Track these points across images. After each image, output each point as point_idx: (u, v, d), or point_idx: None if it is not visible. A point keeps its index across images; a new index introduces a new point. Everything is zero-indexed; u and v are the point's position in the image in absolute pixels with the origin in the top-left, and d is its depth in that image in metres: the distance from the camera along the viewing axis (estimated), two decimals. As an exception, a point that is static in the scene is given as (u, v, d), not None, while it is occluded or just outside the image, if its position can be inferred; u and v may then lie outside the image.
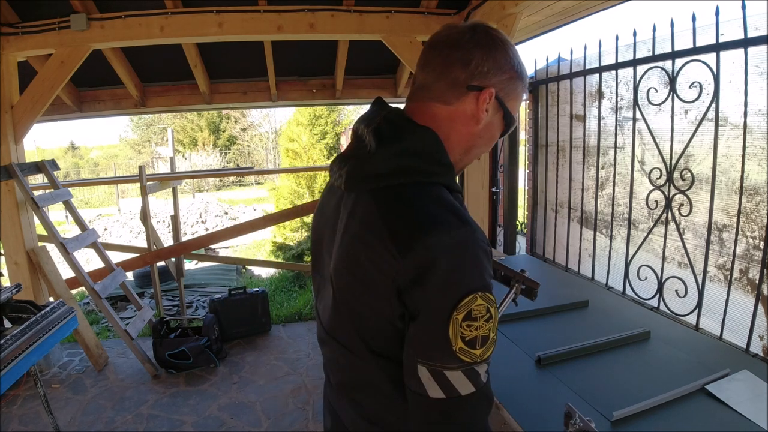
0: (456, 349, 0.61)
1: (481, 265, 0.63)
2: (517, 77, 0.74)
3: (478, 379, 0.64)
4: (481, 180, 3.36)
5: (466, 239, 0.62)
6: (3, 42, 2.84)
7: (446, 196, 0.68)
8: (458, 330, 0.61)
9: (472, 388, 0.63)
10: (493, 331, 0.64)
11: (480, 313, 0.61)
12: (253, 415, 2.57)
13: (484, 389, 0.66)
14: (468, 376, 0.63)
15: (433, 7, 3.13)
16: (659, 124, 2.15)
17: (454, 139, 0.74)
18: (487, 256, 0.64)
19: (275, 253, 7.23)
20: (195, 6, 2.92)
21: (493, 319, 0.63)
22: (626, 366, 1.42)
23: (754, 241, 1.80)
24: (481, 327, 0.62)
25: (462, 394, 0.63)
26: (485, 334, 0.62)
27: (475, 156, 0.79)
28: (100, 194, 15.59)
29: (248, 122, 21.23)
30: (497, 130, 0.77)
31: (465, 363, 0.62)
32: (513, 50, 0.74)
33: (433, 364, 0.62)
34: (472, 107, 0.72)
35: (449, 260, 0.61)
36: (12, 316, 1.91)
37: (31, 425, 2.50)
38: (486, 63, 0.71)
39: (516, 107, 0.77)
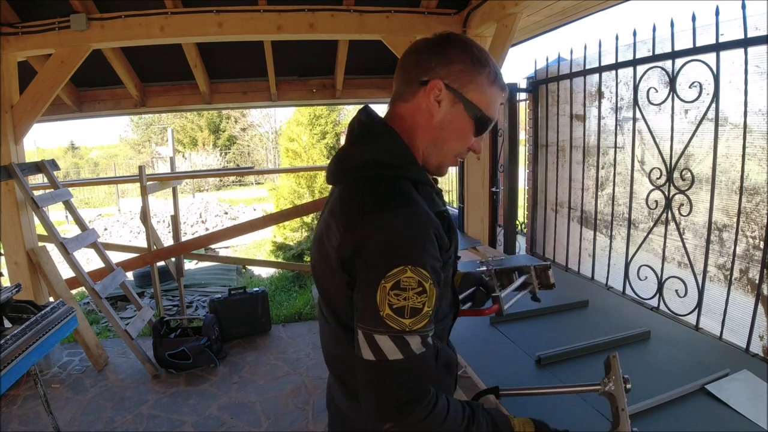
0: (383, 315, 0.67)
1: (417, 243, 0.69)
2: (472, 69, 0.78)
3: (407, 349, 0.68)
4: (481, 180, 3.36)
5: (405, 219, 0.69)
6: (3, 42, 2.84)
7: (402, 186, 0.75)
8: (386, 297, 0.67)
9: (400, 355, 0.68)
10: (428, 306, 0.69)
11: (410, 285, 0.67)
12: (253, 415, 2.57)
13: (417, 360, 0.69)
14: (396, 342, 0.68)
15: (433, 7, 3.13)
16: (659, 124, 2.15)
17: (418, 134, 0.81)
18: (429, 239, 0.70)
19: (275, 253, 7.23)
20: (195, 6, 2.92)
21: (426, 294, 0.68)
22: (626, 366, 1.41)
23: (754, 241, 1.80)
24: (410, 298, 0.67)
25: (389, 359, 0.68)
26: (415, 306, 0.68)
27: (449, 151, 0.83)
28: (100, 194, 15.59)
29: (248, 122, 21.22)
30: (464, 123, 0.80)
31: (392, 329, 0.68)
32: (472, 48, 0.79)
33: (365, 327, 0.69)
34: (425, 101, 0.79)
35: (384, 235, 0.69)
36: (12, 316, 1.91)
37: (31, 425, 2.50)
38: (434, 59, 0.78)
39: (483, 100, 0.80)
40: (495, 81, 0.80)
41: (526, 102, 3.36)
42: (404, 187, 0.75)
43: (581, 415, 1.18)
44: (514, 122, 3.27)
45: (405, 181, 0.77)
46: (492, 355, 1.54)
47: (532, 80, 3.22)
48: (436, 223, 0.73)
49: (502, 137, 3.48)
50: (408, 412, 0.70)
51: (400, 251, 0.68)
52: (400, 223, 0.69)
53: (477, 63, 0.79)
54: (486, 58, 0.80)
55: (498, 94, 0.82)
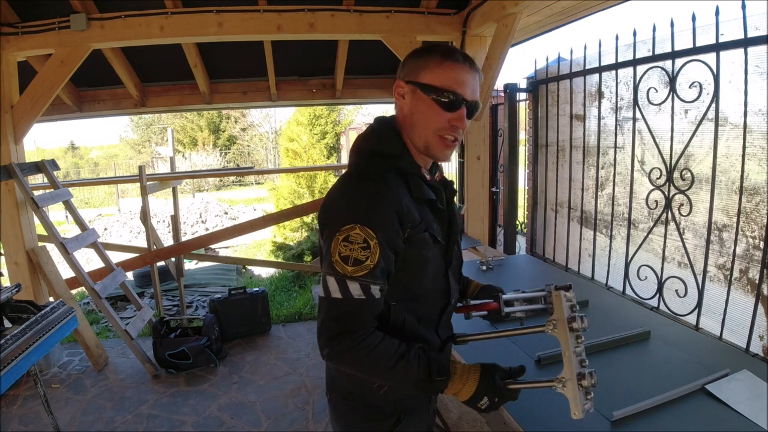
0: (333, 261, 0.84)
1: (371, 209, 0.84)
2: (420, 59, 0.93)
3: (346, 291, 0.84)
4: (481, 180, 3.36)
5: (367, 190, 0.86)
6: (3, 42, 2.84)
7: (383, 171, 0.90)
8: (337, 246, 0.83)
9: (340, 295, 0.84)
10: (370, 261, 0.83)
11: (357, 240, 0.82)
12: (253, 415, 2.57)
13: (353, 303, 0.84)
14: (339, 284, 0.84)
15: (433, 7, 3.13)
16: (659, 124, 2.15)
17: (403, 128, 0.96)
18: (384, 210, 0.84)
19: (275, 253, 7.23)
20: (195, 6, 2.92)
21: (370, 250, 0.83)
22: (626, 366, 1.42)
23: (754, 241, 1.80)
24: (355, 250, 0.83)
25: (332, 296, 0.85)
26: (358, 258, 0.83)
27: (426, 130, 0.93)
28: (100, 194, 15.58)
29: (248, 122, 21.22)
30: (426, 103, 0.92)
31: (338, 273, 0.84)
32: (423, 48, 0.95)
33: (323, 270, 0.87)
34: (396, 100, 0.97)
35: (347, 199, 0.87)
36: (12, 316, 1.91)
37: (31, 425, 2.50)
38: (398, 72, 0.98)
39: (436, 78, 0.90)
40: (446, 58, 0.91)
41: (526, 102, 3.36)
42: (381, 170, 0.90)
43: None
44: (514, 122, 3.27)
45: (393, 170, 0.91)
46: (492, 355, 1.54)
47: (532, 80, 3.22)
48: (397, 200, 0.86)
49: (502, 137, 3.48)
50: (337, 342, 0.84)
51: (355, 212, 0.84)
52: (363, 193, 0.86)
53: (425, 53, 0.93)
54: (434, 46, 0.94)
55: (454, 68, 0.91)
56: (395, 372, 0.86)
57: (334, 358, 0.87)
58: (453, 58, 0.91)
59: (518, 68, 27.07)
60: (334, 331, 0.84)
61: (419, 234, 0.90)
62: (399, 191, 0.88)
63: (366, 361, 0.85)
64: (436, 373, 0.87)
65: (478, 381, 0.89)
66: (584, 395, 0.80)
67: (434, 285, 0.98)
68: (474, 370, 0.90)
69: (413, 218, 0.89)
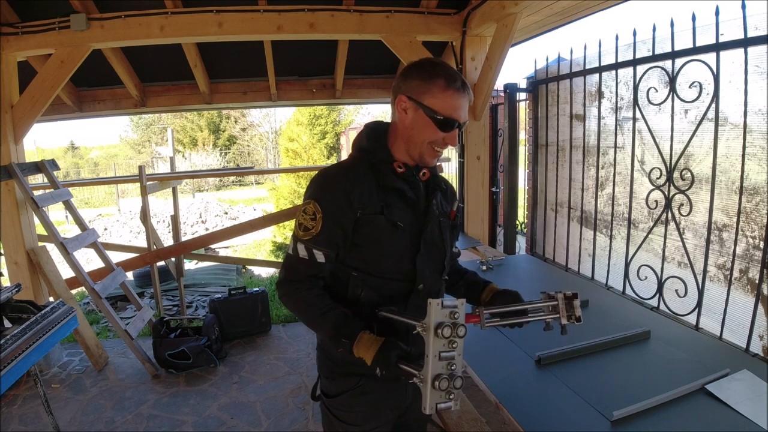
0: (295, 225, 1.06)
1: (323, 190, 1.04)
2: (426, 82, 1.02)
3: (296, 250, 1.05)
4: (481, 180, 3.36)
5: (326, 177, 1.06)
6: (3, 42, 2.83)
7: (352, 162, 1.09)
8: (299, 215, 1.05)
9: (291, 252, 1.06)
10: (315, 230, 1.02)
11: (309, 212, 1.03)
12: (253, 414, 2.57)
13: (297, 260, 1.05)
14: (293, 243, 1.05)
15: (433, 7, 3.13)
16: (659, 124, 2.15)
17: (398, 134, 1.09)
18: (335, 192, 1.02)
19: (275, 253, 7.24)
20: (195, 6, 2.92)
21: (315, 221, 1.02)
22: (626, 366, 1.42)
23: (754, 241, 1.80)
24: (306, 220, 1.03)
25: (288, 252, 1.07)
26: (307, 226, 1.03)
27: (421, 144, 1.05)
28: (100, 194, 15.59)
29: (248, 122, 21.24)
30: (426, 122, 1.03)
31: (294, 235, 1.06)
32: (426, 66, 1.04)
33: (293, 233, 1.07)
34: (398, 112, 1.07)
35: (312, 183, 1.05)
36: (12, 316, 1.91)
37: (31, 425, 2.50)
38: (400, 81, 1.07)
39: (438, 103, 1.02)
40: (448, 86, 1.02)
41: (526, 102, 3.36)
42: (353, 163, 1.09)
43: (581, 415, 1.18)
44: (514, 122, 3.27)
45: (365, 161, 1.07)
46: (492, 355, 1.54)
47: (532, 80, 3.22)
48: (351, 184, 1.02)
49: (502, 137, 3.48)
50: (281, 286, 1.08)
51: (313, 191, 1.03)
52: (324, 177, 1.06)
53: (429, 77, 1.02)
54: (439, 71, 1.03)
55: (454, 96, 1.02)
56: (315, 323, 1.05)
57: (280, 298, 1.09)
58: (455, 86, 1.02)
59: (518, 68, 27.08)
60: (281, 277, 1.08)
61: (372, 215, 1.03)
62: (360, 177, 1.04)
63: (297, 307, 1.07)
64: (343, 335, 1.00)
65: (375, 353, 0.96)
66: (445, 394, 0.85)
67: (397, 266, 1.07)
68: (376, 343, 0.97)
69: (368, 201, 1.03)
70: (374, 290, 1.06)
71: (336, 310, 1.03)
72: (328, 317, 1.02)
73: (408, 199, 1.07)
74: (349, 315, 1.03)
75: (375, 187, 1.04)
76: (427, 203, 1.11)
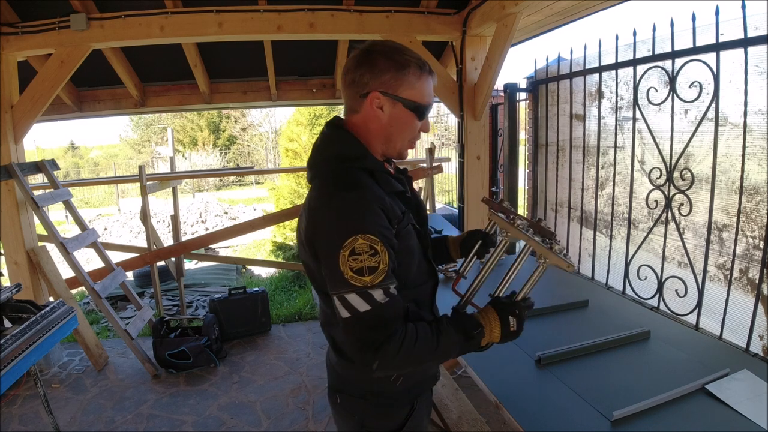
0: (348, 277, 0.84)
1: (361, 216, 0.85)
2: (398, 74, 0.93)
3: (372, 300, 0.84)
4: (481, 180, 3.36)
5: (350, 199, 0.86)
6: (3, 42, 2.84)
7: (354, 174, 0.92)
8: (346, 263, 0.83)
9: (368, 306, 0.84)
10: (383, 264, 0.84)
11: (363, 249, 0.83)
12: (253, 414, 2.57)
13: (383, 308, 0.85)
14: (362, 297, 0.84)
15: (432, 7, 3.13)
16: (659, 124, 2.15)
17: (372, 134, 0.98)
18: (373, 211, 0.86)
19: (275, 253, 7.22)
20: (195, 6, 2.92)
21: (379, 255, 0.84)
22: (626, 366, 1.42)
23: (754, 241, 1.80)
24: (366, 260, 0.83)
25: (360, 311, 0.84)
26: (371, 266, 0.83)
27: (403, 140, 0.99)
28: (100, 194, 15.59)
29: (248, 122, 21.22)
30: (406, 116, 0.97)
31: (357, 287, 0.84)
32: (393, 54, 0.94)
33: (337, 291, 0.86)
34: (371, 110, 0.96)
35: (333, 216, 0.86)
36: (12, 316, 1.91)
37: (31, 425, 2.50)
38: (365, 75, 0.94)
39: (416, 93, 0.96)
40: (421, 73, 0.96)
41: (526, 102, 3.35)
42: (356, 175, 0.92)
43: (581, 415, 1.18)
44: (514, 122, 3.27)
45: (361, 170, 0.94)
46: (492, 355, 1.53)
47: (532, 80, 3.22)
48: (381, 200, 0.89)
49: (502, 137, 3.48)
50: (384, 351, 0.84)
51: (350, 225, 0.84)
52: (348, 203, 0.86)
53: (401, 67, 0.94)
54: (407, 58, 0.95)
55: (427, 80, 0.97)
56: (441, 349, 0.91)
57: (386, 367, 0.86)
58: (426, 70, 0.96)
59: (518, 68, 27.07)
60: (378, 341, 0.84)
61: (405, 227, 0.96)
62: (377, 190, 0.92)
63: (416, 353, 0.88)
64: (472, 329, 0.93)
65: (497, 313, 0.96)
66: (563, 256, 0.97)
67: (419, 269, 1.03)
68: (488, 310, 0.97)
69: (396, 213, 0.93)
70: (413, 302, 1.00)
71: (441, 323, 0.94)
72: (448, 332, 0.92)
73: (405, 198, 1.03)
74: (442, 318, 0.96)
75: (385, 195, 0.93)
76: (414, 196, 1.08)
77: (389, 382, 1.01)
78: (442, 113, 13.70)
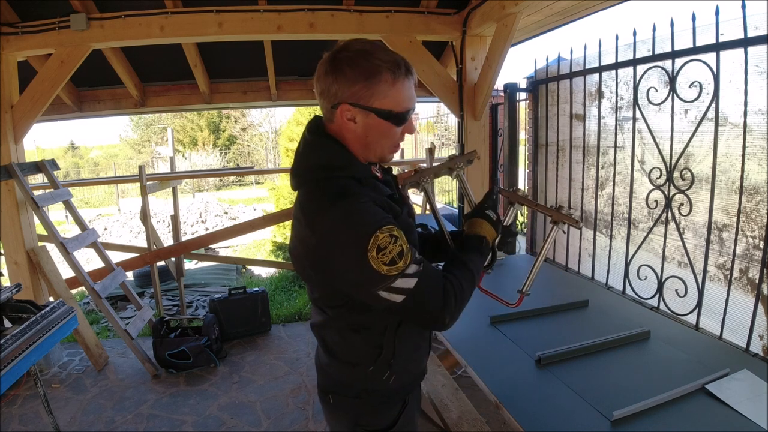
0: (385, 272, 0.85)
1: (365, 216, 0.86)
2: (369, 84, 0.88)
3: (413, 276, 0.87)
4: (481, 180, 3.35)
5: (347, 206, 0.86)
6: (3, 42, 2.84)
7: (343, 183, 0.91)
8: (378, 261, 0.85)
9: (414, 280, 0.88)
10: (404, 244, 0.86)
11: (386, 242, 0.85)
12: (253, 414, 2.57)
13: (425, 275, 0.89)
14: (405, 277, 0.87)
15: (433, 7, 3.13)
16: (659, 124, 2.15)
17: (350, 144, 0.95)
18: (370, 206, 0.87)
19: (275, 253, 7.23)
20: (195, 6, 2.92)
21: (398, 239, 0.86)
22: (626, 366, 1.42)
23: (754, 241, 1.80)
24: (392, 249, 0.85)
25: (411, 289, 0.88)
26: (398, 251, 0.86)
27: (383, 147, 0.96)
28: (100, 194, 15.59)
29: (248, 122, 21.23)
30: (382, 126, 0.93)
31: (397, 274, 0.86)
32: (361, 61, 0.88)
33: (382, 287, 0.87)
34: (342, 121, 0.93)
35: (342, 229, 0.86)
36: (12, 316, 1.91)
37: (31, 425, 2.50)
38: (333, 86, 0.90)
39: (390, 101, 0.90)
40: (395, 77, 0.90)
41: (526, 102, 3.35)
42: (344, 185, 0.90)
43: (581, 415, 1.18)
44: (514, 122, 3.27)
45: (349, 179, 0.92)
46: (492, 355, 1.54)
47: (532, 80, 3.22)
48: (372, 197, 0.90)
49: (502, 137, 3.48)
50: (447, 307, 0.90)
51: (361, 229, 0.85)
52: (350, 208, 0.86)
53: (371, 75, 0.88)
54: (376, 64, 0.88)
55: (403, 84, 0.91)
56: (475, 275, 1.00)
57: (455, 313, 0.93)
58: (401, 74, 0.90)
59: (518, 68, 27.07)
60: (439, 302, 0.90)
61: (405, 222, 0.98)
62: (371, 195, 0.91)
63: (466, 290, 0.95)
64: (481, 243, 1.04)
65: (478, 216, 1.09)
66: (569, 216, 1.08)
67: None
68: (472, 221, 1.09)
69: (394, 209, 0.95)
70: None
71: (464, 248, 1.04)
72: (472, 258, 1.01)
73: (396, 200, 1.00)
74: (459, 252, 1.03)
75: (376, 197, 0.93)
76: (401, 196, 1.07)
77: (383, 380, 1.02)
78: (442, 113, 13.70)
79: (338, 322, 1.01)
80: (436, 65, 3.23)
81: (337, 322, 1.01)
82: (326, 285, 0.97)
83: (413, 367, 1.09)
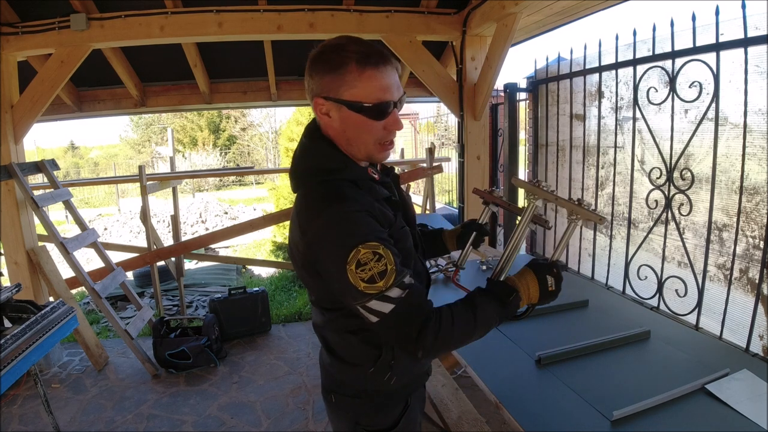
0: (362, 289, 0.83)
1: (355, 226, 0.84)
2: (336, 76, 0.87)
3: (392, 299, 0.84)
4: (481, 180, 3.35)
5: (338, 214, 0.85)
6: (3, 42, 2.84)
7: (339, 186, 0.89)
8: (356, 276, 0.83)
9: (391, 305, 0.84)
10: (390, 264, 0.83)
11: (367, 258, 0.82)
12: (253, 414, 2.57)
13: (405, 302, 0.85)
14: (383, 300, 0.84)
15: (433, 7, 3.13)
16: (659, 124, 2.15)
17: (336, 141, 0.94)
18: (363, 218, 0.85)
19: (275, 253, 7.23)
20: (195, 6, 2.92)
21: (384, 258, 0.83)
22: (626, 366, 1.42)
23: (754, 241, 1.80)
24: (373, 267, 0.82)
25: (386, 312, 0.84)
26: (380, 270, 0.83)
27: (365, 143, 0.93)
28: (100, 194, 15.58)
29: (248, 122, 21.22)
30: (357, 119, 0.90)
31: (374, 294, 0.83)
32: (328, 54, 0.88)
33: (358, 302, 0.85)
34: (319, 116, 0.93)
35: (327, 235, 0.85)
36: (12, 316, 1.91)
37: (31, 425, 2.50)
38: (309, 82, 0.92)
39: (359, 92, 0.87)
40: (362, 69, 0.86)
41: (526, 102, 3.36)
42: (340, 187, 0.89)
43: (581, 415, 1.18)
44: (514, 122, 3.27)
45: (345, 182, 0.91)
46: (492, 355, 1.54)
47: (532, 80, 3.22)
48: (369, 207, 0.88)
49: (502, 137, 3.48)
50: (423, 338, 0.85)
51: (347, 237, 0.83)
52: (339, 216, 0.85)
53: (336, 66, 0.87)
54: (344, 56, 0.86)
55: (374, 76, 0.88)
56: (480, 323, 0.91)
57: (431, 351, 0.87)
58: (370, 63, 0.86)
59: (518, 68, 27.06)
60: (414, 332, 0.85)
61: (400, 229, 0.96)
62: (363, 199, 0.89)
63: (456, 333, 0.88)
64: (507, 297, 0.93)
65: (534, 273, 0.97)
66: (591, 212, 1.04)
67: (416, 269, 1.02)
68: (525, 272, 0.98)
69: (388, 217, 0.92)
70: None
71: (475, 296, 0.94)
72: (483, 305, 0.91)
73: (392, 202, 0.99)
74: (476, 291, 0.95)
75: (373, 201, 0.92)
76: (401, 197, 1.05)
77: (384, 381, 1.01)
78: (442, 113, 13.70)
79: (336, 323, 1.00)
80: (436, 65, 3.23)
81: (336, 323, 1.00)
82: (319, 288, 0.96)
83: (415, 368, 1.09)
